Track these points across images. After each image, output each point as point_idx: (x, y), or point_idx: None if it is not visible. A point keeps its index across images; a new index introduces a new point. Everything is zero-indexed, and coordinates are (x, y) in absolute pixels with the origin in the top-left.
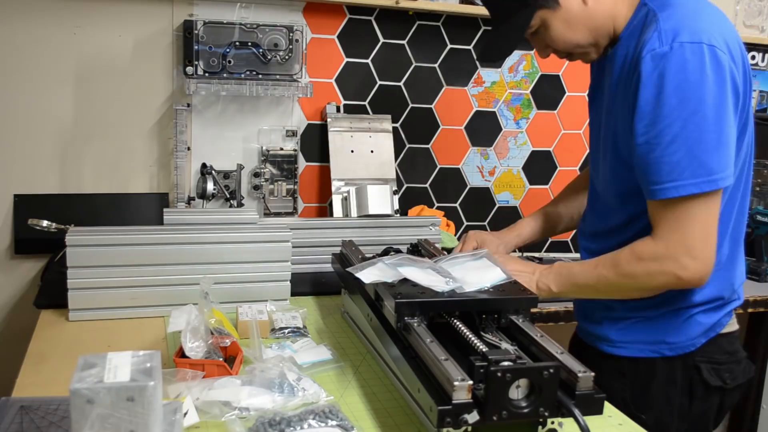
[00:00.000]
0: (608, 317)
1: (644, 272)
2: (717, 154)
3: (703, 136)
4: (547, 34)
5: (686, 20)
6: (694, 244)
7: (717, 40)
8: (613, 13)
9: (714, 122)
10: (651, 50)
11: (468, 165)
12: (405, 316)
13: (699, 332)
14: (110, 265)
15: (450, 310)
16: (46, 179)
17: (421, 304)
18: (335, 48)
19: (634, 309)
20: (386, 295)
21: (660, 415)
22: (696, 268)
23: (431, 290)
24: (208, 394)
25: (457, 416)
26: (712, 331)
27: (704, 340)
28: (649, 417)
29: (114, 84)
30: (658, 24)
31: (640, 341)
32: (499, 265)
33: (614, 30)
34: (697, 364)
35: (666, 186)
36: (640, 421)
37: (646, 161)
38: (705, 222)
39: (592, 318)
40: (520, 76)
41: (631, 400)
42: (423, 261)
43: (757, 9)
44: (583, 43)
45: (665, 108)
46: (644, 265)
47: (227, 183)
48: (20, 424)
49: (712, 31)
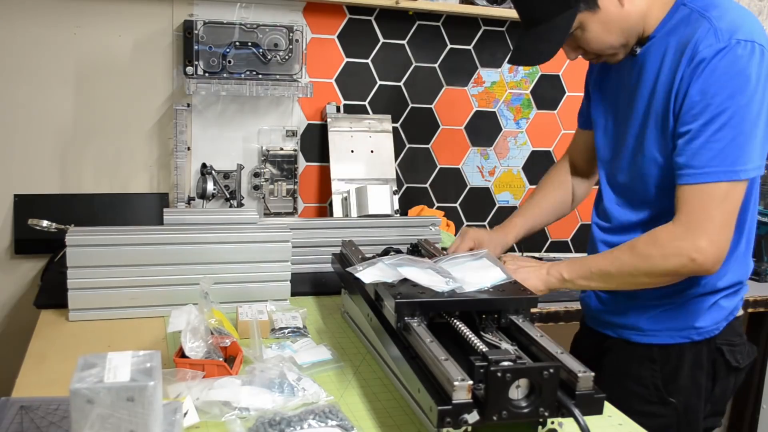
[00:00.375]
0: (634, 307)
1: (660, 254)
2: (753, 146)
3: (745, 128)
4: (583, 36)
5: (740, 20)
6: (713, 229)
7: (765, 41)
8: (646, 13)
9: (756, 116)
10: (709, 45)
11: (468, 165)
12: (405, 316)
13: (722, 316)
14: (110, 265)
15: (450, 310)
16: (46, 179)
17: (421, 304)
18: (335, 48)
19: (661, 297)
20: (386, 295)
21: (689, 399)
22: (711, 252)
23: (431, 290)
24: (208, 394)
25: (457, 416)
26: (732, 314)
27: (725, 323)
28: (679, 401)
29: (114, 84)
30: (712, 22)
31: (670, 328)
32: (500, 264)
33: (644, 30)
34: (719, 347)
35: (706, 171)
36: (670, 406)
37: (690, 147)
38: (727, 210)
39: (616, 309)
40: (520, 76)
41: (663, 386)
42: (423, 261)
43: (757, 9)
44: (615, 45)
45: (716, 98)
46: (661, 246)
47: (227, 183)
48: (20, 424)
49: (761, 33)
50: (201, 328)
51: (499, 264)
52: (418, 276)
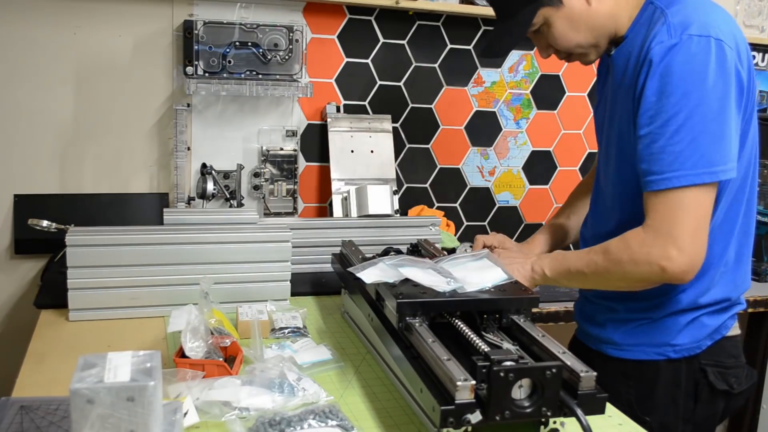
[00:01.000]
0: (612, 320)
1: (630, 259)
2: (719, 147)
3: (706, 128)
4: (549, 32)
5: (695, 15)
6: (682, 236)
7: (725, 35)
8: (615, 13)
9: (717, 114)
10: (660, 42)
11: (468, 165)
12: (407, 316)
13: (704, 334)
14: (110, 265)
15: (451, 310)
16: (46, 179)
17: (422, 304)
18: (335, 48)
19: (638, 311)
20: (388, 295)
21: (665, 418)
22: (681, 261)
23: (432, 290)
24: (208, 394)
25: (460, 416)
26: (718, 333)
27: (710, 342)
28: (654, 420)
29: (114, 84)
30: (667, 18)
31: (644, 343)
32: (500, 264)
33: (616, 31)
34: (702, 367)
35: (666, 176)
36: (645, 424)
37: (649, 152)
38: (697, 215)
39: (596, 321)
40: (520, 76)
41: (636, 402)
42: (424, 261)
43: (757, 9)
44: (583, 44)
45: (671, 98)
46: (631, 252)
47: (227, 183)
48: (20, 424)
49: (720, 27)
50: (201, 328)
51: (500, 264)
52: (419, 276)
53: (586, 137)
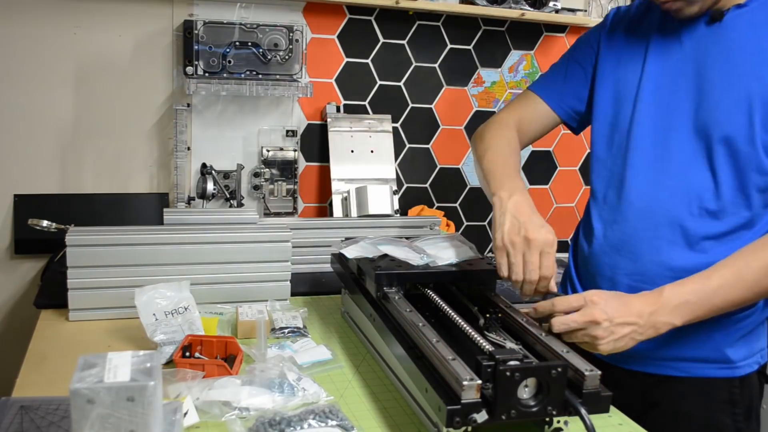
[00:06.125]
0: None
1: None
2: None
3: None
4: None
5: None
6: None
7: None
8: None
9: None
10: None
11: (468, 165)
12: (384, 286)
13: None
14: (110, 265)
15: (424, 281)
16: (46, 179)
17: (398, 276)
18: (335, 48)
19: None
20: (367, 267)
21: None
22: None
23: (408, 264)
24: (208, 394)
25: (466, 416)
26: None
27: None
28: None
29: (114, 84)
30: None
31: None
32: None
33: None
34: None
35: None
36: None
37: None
38: None
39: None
40: (520, 76)
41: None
42: (400, 240)
43: None
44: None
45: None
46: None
47: (227, 183)
48: (20, 424)
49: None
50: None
51: (468, 244)
52: (395, 252)
53: (587, 137)
